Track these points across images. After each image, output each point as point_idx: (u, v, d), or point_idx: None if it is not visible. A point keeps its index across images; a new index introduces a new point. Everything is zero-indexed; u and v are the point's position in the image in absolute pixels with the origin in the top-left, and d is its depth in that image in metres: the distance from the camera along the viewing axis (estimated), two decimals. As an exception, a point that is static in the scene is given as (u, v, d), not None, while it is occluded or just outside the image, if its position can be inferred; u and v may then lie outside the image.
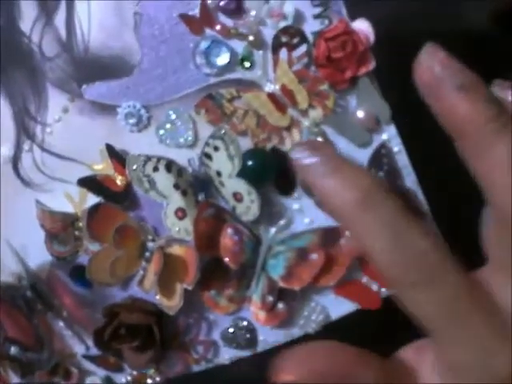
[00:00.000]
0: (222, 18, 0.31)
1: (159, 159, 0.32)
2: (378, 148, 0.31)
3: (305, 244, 0.32)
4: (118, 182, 0.32)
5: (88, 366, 0.36)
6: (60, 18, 0.32)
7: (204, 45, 0.31)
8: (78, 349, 0.36)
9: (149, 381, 0.36)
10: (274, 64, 0.31)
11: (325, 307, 0.33)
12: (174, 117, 0.32)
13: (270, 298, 0.32)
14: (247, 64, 0.31)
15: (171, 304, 0.33)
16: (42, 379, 0.36)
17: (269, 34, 0.31)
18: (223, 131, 0.30)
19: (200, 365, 0.34)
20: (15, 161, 0.33)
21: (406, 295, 0.26)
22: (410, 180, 0.32)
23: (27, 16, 0.32)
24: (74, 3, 0.32)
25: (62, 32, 0.32)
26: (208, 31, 0.31)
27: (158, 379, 0.35)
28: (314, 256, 0.32)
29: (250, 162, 0.31)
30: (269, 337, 0.34)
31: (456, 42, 0.28)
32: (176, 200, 0.32)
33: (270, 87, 0.31)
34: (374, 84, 0.30)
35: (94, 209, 0.31)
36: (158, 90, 0.32)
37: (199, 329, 0.33)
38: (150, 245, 0.32)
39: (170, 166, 0.32)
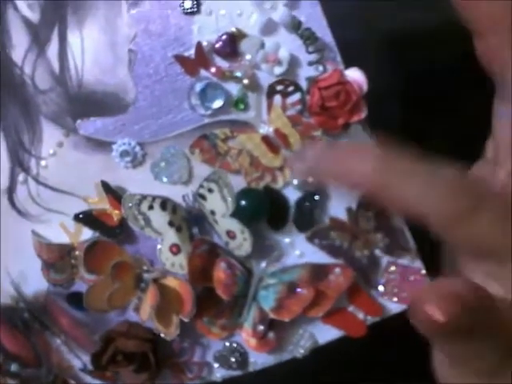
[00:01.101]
0: (217, 59, 0.30)
1: (154, 198, 0.31)
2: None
3: (294, 278, 0.32)
4: (114, 217, 0.31)
5: (86, 378, 0.36)
6: (53, 50, 0.31)
7: (199, 86, 0.29)
8: (76, 362, 0.36)
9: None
10: (267, 107, 0.30)
11: (312, 334, 0.33)
12: (168, 155, 0.31)
13: (261, 328, 0.33)
14: (241, 106, 0.30)
15: (167, 332, 0.33)
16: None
17: (263, 77, 0.30)
18: (218, 175, 0.30)
19: (194, 382, 0.35)
20: (10, 192, 0.32)
21: (467, 229, 0.24)
22: (397, 219, 0.31)
23: (19, 45, 0.31)
24: (66, 35, 0.30)
25: (55, 65, 0.31)
26: (203, 72, 0.30)
27: None
28: (304, 291, 0.32)
29: (243, 202, 0.31)
30: (259, 359, 0.34)
31: (456, 41, 0.28)
32: (170, 236, 0.31)
33: (264, 129, 0.30)
34: (366, 131, 0.30)
35: (92, 245, 0.31)
36: (152, 128, 0.31)
37: (193, 352, 0.34)
38: (146, 276, 0.32)
39: (164, 204, 0.31)
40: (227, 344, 0.33)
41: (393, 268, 0.32)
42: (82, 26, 0.30)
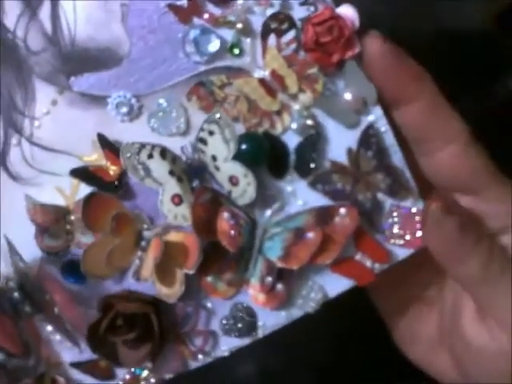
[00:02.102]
0: (210, 6, 0.29)
1: (153, 146, 0.29)
2: (366, 129, 0.30)
3: (300, 224, 0.30)
4: (111, 172, 0.29)
5: (76, 375, 0.32)
6: (45, 13, 0.30)
7: (193, 33, 0.29)
8: (66, 356, 0.32)
9: (142, 384, 0.32)
10: (262, 50, 0.29)
11: (322, 286, 0.31)
12: (165, 105, 0.29)
13: (269, 279, 0.30)
14: (236, 51, 0.29)
15: (171, 292, 0.30)
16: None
17: (257, 21, 0.29)
18: (218, 115, 0.28)
19: (197, 360, 0.31)
20: (3, 155, 0.30)
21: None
22: (397, 158, 0.30)
23: (11, 12, 0.29)
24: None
25: (48, 26, 0.29)
26: (196, 20, 0.29)
27: (152, 381, 0.32)
28: (311, 235, 0.30)
29: (243, 146, 0.29)
30: (268, 320, 0.31)
31: (456, 41, 0.28)
32: (172, 186, 0.29)
33: (259, 73, 0.29)
34: (360, 67, 0.29)
35: (89, 198, 0.28)
36: (148, 80, 0.29)
37: (197, 318, 0.30)
38: (146, 233, 0.30)
39: (164, 152, 0.29)
40: (233, 307, 0.30)
41: (396, 211, 0.31)
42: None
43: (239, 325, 0.31)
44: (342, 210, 0.30)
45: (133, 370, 0.32)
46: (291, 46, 0.29)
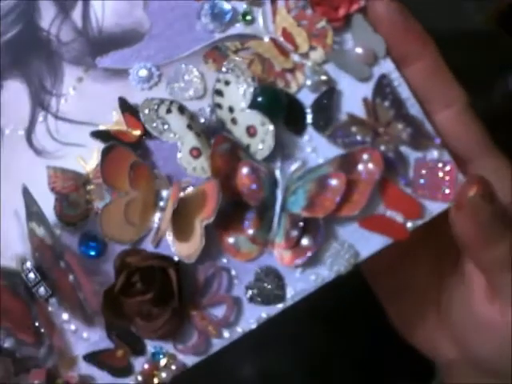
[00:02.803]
0: None
1: (172, 102, 0.28)
2: (379, 79, 0.29)
3: (323, 174, 0.28)
4: (131, 135, 0.29)
5: (90, 370, 0.29)
6: (77, 12, 0.32)
7: (207, 5, 0.30)
8: (80, 349, 0.28)
9: (156, 381, 0.28)
10: (272, 14, 0.30)
11: (352, 244, 0.28)
12: (183, 71, 0.30)
13: (294, 233, 0.27)
14: (249, 17, 0.30)
15: (190, 247, 0.27)
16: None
17: None
18: (233, 63, 0.28)
19: (222, 337, 0.27)
20: (29, 133, 0.30)
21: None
22: (415, 110, 0.29)
23: (46, 15, 0.31)
24: (89, 1, 0.32)
25: (79, 22, 0.31)
26: (210, -5, 0.30)
27: (173, 368, 0.28)
28: (334, 182, 0.27)
29: (259, 99, 0.28)
30: (297, 284, 0.27)
31: (456, 41, 0.27)
32: (190, 140, 0.28)
33: (271, 35, 0.30)
34: (366, 20, 0.30)
35: (107, 149, 0.27)
36: (166, 51, 0.30)
37: (220, 283, 0.27)
38: (165, 193, 0.28)
39: (182, 108, 0.28)
40: (258, 271, 0.28)
41: (422, 164, 0.29)
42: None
43: (265, 290, 0.27)
44: (365, 156, 0.28)
45: (151, 356, 0.28)
46: (299, 3, 0.30)
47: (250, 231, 0.25)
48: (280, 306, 0.25)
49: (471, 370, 0.26)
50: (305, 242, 0.25)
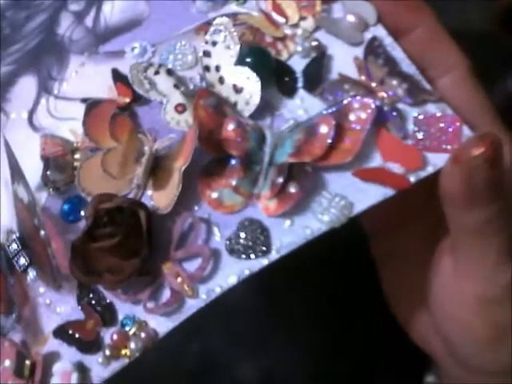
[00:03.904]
0: None
1: (160, 65, 0.28)
2: (371, 40, 0.28)
3: (313, 122, 0.25)
4: (121, 101, 0.28)
5: (58, 347, 0.25)
6: (89, 18, 0.33)
7: None
8: (50, 325, 0.25)
9: (124, 353, 0.24)
10: None
11: (344, 196, 0.24)
12: (176, 45, 0.29)
13: (279, 180, 0.24)
14: None
15: (167, 197, 0.24)
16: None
17: None
18: (219, 22, 0.28)
19: (197, 297, 0.23)
20: (31, 114, 0.30)
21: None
22: (412, 70, 0.27)
23: (64, 24, 0.33)
24: (101, 7, 0.33)
25: (89, 24, 0.33)
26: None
27: (143, 336, 0.24)
28: (323, 128, 0.25)
29: (247, 59, 0.27)
30: (284, 237, 0.24)
31: (456, 41, 0.27)
32: (176, 97, 0.27)
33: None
34: None
35: (92, 104, 0.26)
36: (162, 32, 0.30)
37: (197, 235, 0.24)
38: (146, 148, 0.26)
39: (170, 71, 0.28)
40: (241, 223, 0.25)
41: (420, 117, 0.27)
42: (114, -1, 0.34)
43: (248, 241, 0.24)
44: (356, 104, 0.25)
45: (120, 325, 0.24)
46: None
47: (234, 182, 0.22)
48: (264, 261, 0.21)
49: (455, 366, 0.23)
50: (291, 189, 0.22)
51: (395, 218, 0.24)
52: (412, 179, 0.23)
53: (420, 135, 0.24)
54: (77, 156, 0.26)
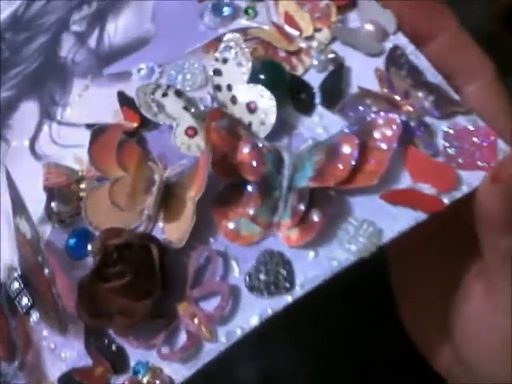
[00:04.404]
0: None
1: (168, 86, 0.25)
2: (392, 50, 0.25)
3: (334, 141, 0.23)
4: (127, 126, 0.26)
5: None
6: (92, 38, 0.31)
7: (210, 3, 0.28)
8: (55, 371, 0.23)
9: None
10: (275, 5, 0.27)
11: (372, 221, 0.22)
12: (185, 66, 0.27)
13: (301, 207, 0.22)
14: (251, 12, 0.27)
15: (180, 229, 0.22)
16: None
17: None
18: (230, 38, 0.25)
19: (216, 340, 0.21)
20: (33, 142, 0.27)
21: None
22: (437, 80, 0.24)
23: (65, 46, 0.31)
24: (105, 27, 0.31)
25: (92, 45, 0.31)
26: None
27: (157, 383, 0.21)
28: (346, 148, 0.22)
29: (261, 76, 0.25)
30: (308, 270, 0.21)
31: None
32: (186, 120, 0.24)
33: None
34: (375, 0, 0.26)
35: (98, 131, 0.24)
36: (170, 52, 0.28)
37: (214, 270, 0.21)
38: (156, 177, 0.24)
39: (179, 92, 0.25)
40: (261, 256, 0.22)
41: (452, 131, 0.24)
42: (118, 17, 0.32)
43: (270, 277, 0.21)
44: (380, 121, 0.23)
45: (132, 372, 0.22)
46: None
47: (251, 210, 0.19)
48: (288, 298, 0.18)
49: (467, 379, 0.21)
50: (314, 216, 0.19)
51: (414, 239, 0.21)
52: (445, 201, 0.20)
53: (451, 151, 0.21)
54: (82, 186, 0.23)
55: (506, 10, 0.29)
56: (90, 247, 0.21)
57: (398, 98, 0.23)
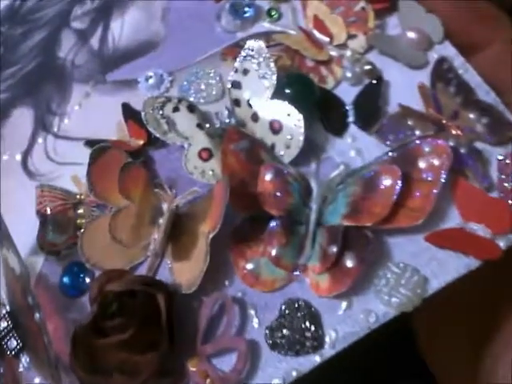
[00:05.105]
0: None
1: (180, 100, 0.22)
2: (439, 62, 0.21)
3: (371, 172, 0.19)
4: (132, 145, 0.22)
5: None
6: (95, 38, 0.28)
7: (229, 4, 0.24)
8: None
9: None
10: (302, 6, 0.24)
11: (416, 268, 0.18)
12: (199, 73, 0.23)
13: (333, 249, 0.18)
14: (274, 13, 0.24)
15: (191, 271, 0.18)
16: None
17: None
18: (251, 47, 0.21)
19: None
20: (25, 156, 0.24)
21: None
22: (491, 98, 0.20)
23: (66, 45, 0.28)
24: (109, 25, 0.28)
25: (95, 46, 0.27)
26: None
27: None
28: (386, 180, 0.19)
29: (287, 90, 0.21)
30: (340, 325, 0.18)
31: None
32: (200, 140, 0.21)
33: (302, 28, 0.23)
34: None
35: (98, 152, 0.20)
36: (182, 57, 0.24)
37: (230, 321, 0.18)
38: (165, 206, 0.20)
39: (192, 106, 0.22)
40: (285, 305, 0.19)
41: (508, 160, 0.20)
42: (124, 14, 0.28)
43: (294, 334, 0.18)
44: (426, 148, 0.19)
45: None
46: None
47: (274, 250, 0.16)
48: (316, 359, 0.15)
49: None
50: (348, 262, 0.15)
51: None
52: (502, 244, 0.16)
53: (509, 185, 0.17)
54: (80, 211, 0.20)
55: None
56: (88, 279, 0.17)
57: (445, 119, 0.19)
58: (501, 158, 0.19)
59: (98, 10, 0.26)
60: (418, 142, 0.18)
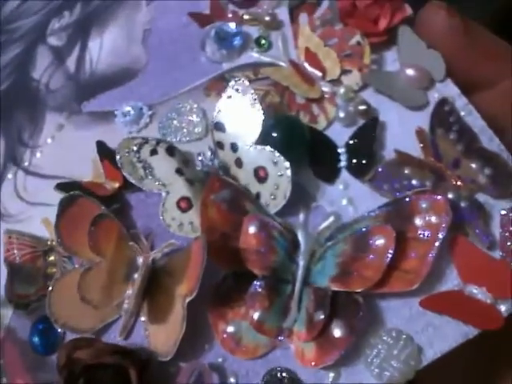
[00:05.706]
0: (232, 7, 0.24)
1: (159, 142, 0.20)
2: (439, 104, 0.20)
3: (363, 230, 0.17)
4: (108, 187, 0.20)
5: None
6: (72, 58, 0.26)
7: (214, 30, 0.22)
8: None
9: None
10: (293, 34, 0.22)
11: (410, 336, 0.17)
12: (180, 108, 0.22)
13: (320, 317, 0.17)
14: (264, 42, 0.22)
15: (167, 336, 0.17)
16: None
17: (283, 13, 0.23)
18: (238, 89, 0.20)
19: None
20: None
21: None
22: (494, 145, 0.19)
23: (41, 65, 0.26)
24: (87, 45, 0.26)
25: (72, 67, 0.25)
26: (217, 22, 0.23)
27: None
28: (380, 240, 0.17)
29: (274, 134, 0.19)
30: None
31: None
32: (179, 188, 0.19)
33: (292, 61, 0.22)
34: (416, 34, 0.21)
35: (67, 201, 0.19)
36: (163, 88, 0.22)
37: None
38: (140, 260, 0.18)
39: (172, 149, 0.20)
40: (268, 376, 0.17)
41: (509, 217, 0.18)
42: (103, 33, 0.26)
43: None
44: (423, 203, 0.17)
45: None
46: (326, 16, 0.21)
47: (256, 314, 0.14)
48: None
49: None
50: (336, 331, 0.14)
51: None
52: (503, 309, 0.15)
53: (507, 245, 0.16)
54: (51, 258, 0.19)
55: (506, 10, 0.25)
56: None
57: (445, 168, 0.18)
58: (504, 212, 0.17)
59: (76, 25, 0.24)
60: (413, 196, 0.17)
